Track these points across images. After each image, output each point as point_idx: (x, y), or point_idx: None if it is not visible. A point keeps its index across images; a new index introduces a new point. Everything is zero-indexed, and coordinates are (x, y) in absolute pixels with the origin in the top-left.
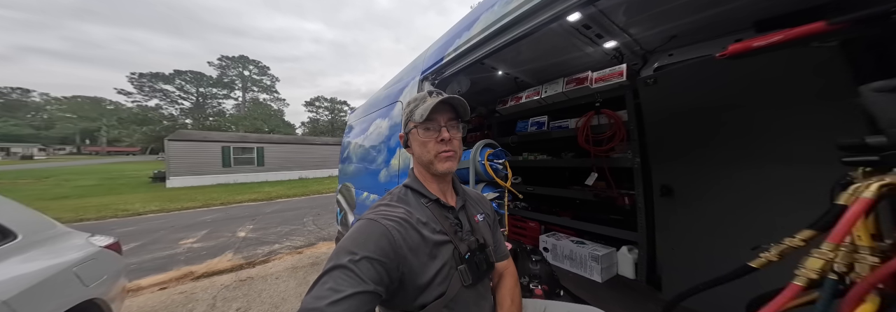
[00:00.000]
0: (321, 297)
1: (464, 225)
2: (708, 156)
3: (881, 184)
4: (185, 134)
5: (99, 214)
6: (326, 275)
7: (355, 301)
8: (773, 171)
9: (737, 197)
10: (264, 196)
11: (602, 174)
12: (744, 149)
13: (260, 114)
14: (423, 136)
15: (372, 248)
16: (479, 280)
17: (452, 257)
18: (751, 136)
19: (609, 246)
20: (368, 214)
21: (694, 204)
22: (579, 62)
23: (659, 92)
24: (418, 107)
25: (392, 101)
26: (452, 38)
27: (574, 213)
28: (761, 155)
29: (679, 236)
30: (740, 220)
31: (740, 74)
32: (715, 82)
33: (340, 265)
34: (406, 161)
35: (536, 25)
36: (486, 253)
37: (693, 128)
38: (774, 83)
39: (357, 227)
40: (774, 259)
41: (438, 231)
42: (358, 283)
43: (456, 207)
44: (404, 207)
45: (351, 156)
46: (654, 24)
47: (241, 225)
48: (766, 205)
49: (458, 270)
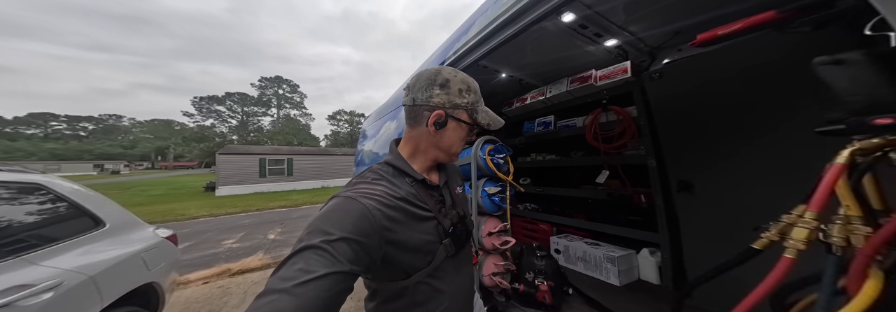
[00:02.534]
0: (289, 278)
1: (446, 201)
2: (729, 149)
3: (852, 150)
4: (231, 148)
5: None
6: (296, 255)
7: (328, 281)
8: (799, 159)
9: (754, 192)
10: (292, 203)
11: (614, 171)
12: (765, 138)
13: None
14: (465, 132)
15: (350, 228)
16: (461, 248)
17: (436, 232)
18: (770, 125)
19: (627, 248)
20: (346, 192)
21: (715, 199)
22: (582, 61)
23: (666, 87)
24: (478, 103)
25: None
26: (452, 43)
27: (588, 214)
28: (784, 142)
29: (705, 234)
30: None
31: (744, 65)
32: (722, 74)
33: (313, 245)
34: None
35: (526, 24)
36: (465, 223)
37: (706, 119)
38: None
39: (333, 205)
40: (776, 238)
41: (423, 208)
42: (332, 263)
43: (440, 185)
44: (385, 184)
45: (364, 159)
46: (656, 21)
47: (272, 228)
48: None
49: (442, 244)
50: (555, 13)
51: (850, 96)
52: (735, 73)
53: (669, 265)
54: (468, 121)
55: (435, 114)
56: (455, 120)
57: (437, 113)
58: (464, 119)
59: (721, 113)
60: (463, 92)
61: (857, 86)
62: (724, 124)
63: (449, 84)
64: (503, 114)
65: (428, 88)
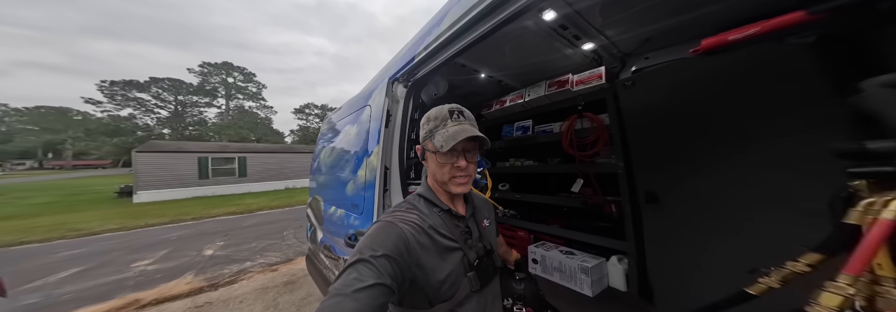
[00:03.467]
0: (348, 285)
1: (473, 233)
2: (694, 160)
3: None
4: (155, 145)
5: (46, 235)
6: (351, 267)
7: (376, 291)
8: (760, 177)
9: (724, 205)
10: (244, 208)
11: (588, 180)
12: (728, 154)
13: (245, 123)
14: (441, 159)
15: (390, 247)
16: (487, 284)
17: (462, 263)
18: (733, 140)
19: (599, 256)
20: (386, 217)
21: (680, 211)
22: (560, 64)
23: (638, 94)
24: (438, 129)
25: (362, 105)
26: (423, 36)
27: (563, 222)
28: (747, 159)
29: (668, 245)
30: (728, 228)
31: (717, 76)
32: (693, 84)
33: (364, 259)
34: (373, 173)
35: (504, 18)
36: (492, 258)
37: (675, 132)
38: (751, 85)
39: (376, 228)
40: (776, 285)
41: (449, 238)
42: (379, 276)
43: (466, 216)
44: (417, 213)
45: (321, 165)
46: (629, 26)
47: (211, 241)
48: (753, 213)
49: (467, 277)
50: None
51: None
52: (708, 82)
53: (635, 272)
54: (430, 149)
55: (416, 148)
56: (427, 151)
57: (416, 147)
58: (429, 148)
59: (690, 125)
60: (424, 124)
61: None
62: (692, 137)
63: (421, 124)
64: (482, 116)
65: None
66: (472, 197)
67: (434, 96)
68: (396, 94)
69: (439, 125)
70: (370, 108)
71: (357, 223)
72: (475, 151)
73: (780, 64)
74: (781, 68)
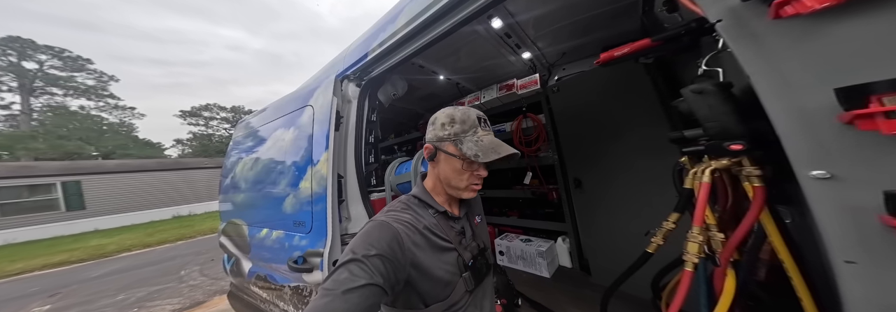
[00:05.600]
0: (339, 284)
1: (466, 233)
2: (602, 150)
3: (712, 169)
4: None
5: None
6: (343, 267)
7: (367, 291)
8: (640, 162)
9: (622, 184)
10: (88, 253)
11: (535, 172)
12: (619, 144)
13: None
14: (466, 167)
15: (383, 247)
16: (480, 283)
17: (456, 264)
18: (620, 133)
19: (549, 239)
20: (380, 216)
21: (597, 192)
22: (507, 70)
23: (562, 98)
24: (467, 135)
25: (300, 105)
26: (377, 33)
27: (519, 212)
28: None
29: (593, 222)
30: (628, 203)
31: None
32: (593, 91)
33: (356, 259)
34: (322, 183)
35: (458, 21)
36: (485, 256)
37: (587, 127)
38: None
39: (370, 227)
40: (661, 242)
41: (444, 239)
42: (371, 276)
43: (460, 216)
44: (412, 213)
45: (239, 180)
46: (551, 41)
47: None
48: (641, 189)
49: (462, 277)
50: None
51: (707, 122)
52: (598, 88)
53: (575, 249)
54: (455, 153)
55: (425, 147)
56: (444, 153)
57: (426, 147)
58: (450, 151)
59: (596, 120)
60: (446, 125)
61: (713, 114)
62: (599, 130)
63: (436, 121)
64: None
65: (430, 130)
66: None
67: (393, 96)
68: (347, 94)
69: (468, 131)
70: (312, 109)
71: (304, 243)
72: None
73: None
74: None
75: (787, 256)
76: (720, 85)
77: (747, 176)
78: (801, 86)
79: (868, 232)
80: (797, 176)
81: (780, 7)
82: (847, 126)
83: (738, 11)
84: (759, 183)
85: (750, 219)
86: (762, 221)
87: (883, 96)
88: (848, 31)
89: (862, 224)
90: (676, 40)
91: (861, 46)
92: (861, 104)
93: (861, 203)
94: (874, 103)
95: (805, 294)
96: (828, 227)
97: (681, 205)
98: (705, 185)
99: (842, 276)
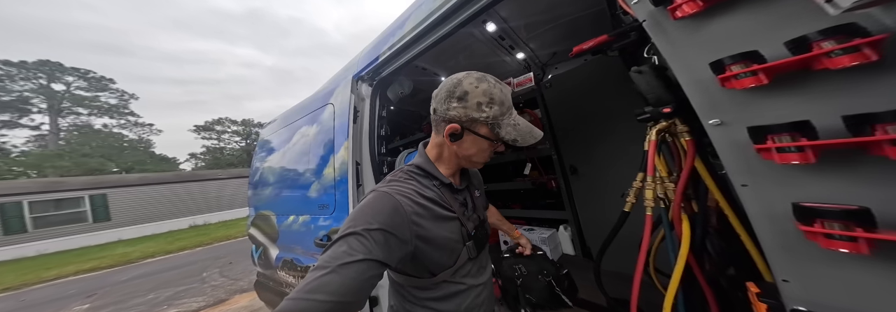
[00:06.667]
0: (336, 258)
1: (468, 204)
2: (596, 138)
3: (657, 129)
4: None
5: None
6: (342, 240)
7: (364, 265)
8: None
9: (613, 167)
10: (115, 260)
11: (534, 164)
12: (608, 131)
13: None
14: (487, 145)
15: (385, 220)
16: (481, 250)
17: (460, 233)
18: (608, 121)
19: (552, 227)
20: (382, 187)
21: (593, 178)
22: (503, 69)
23: (554, 93)
24: (504, 116)
25: (322, 104)
26: (387, 37)
27: (522, 203)
28: (616, 134)
29: (591, 207)
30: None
31: (589, 78)
32: (581, 84)
33: (356, 232)
34: (343, 168)
35: (457, 24)
36: (484, 227)
37: (578, 118)
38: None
39: (372, 198)
40: (634, 200)
41: (448, 209)
42: (369, 251)
43: (462, 188)
44: (415, 184)
45: (267, 177)
46: (541, 43)
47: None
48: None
49: (466, 246)
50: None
51: (647, 94)
52: (588, 83)
53: (577, 236)
54: (489, 137)
55: (449, 127)
56: (473, 133)
57: (451, 126)
58: (483, 134)
59: (587, 111)
60: (483, 105)
61: (650, 88)
62: (592, 120)
63: (467, 97)
64: None
65: (447, 100)
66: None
67: (400, 94)
68: (361, 92)
69: (505, 113)
70: (333, 106)
71: (327, 223)
72: None
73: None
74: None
75: (721, 197)
76: (654, 66)
77: (681, 132)
78: (693, 63)
79: (750, 160)
80: (703, 125)
81: (673, 11)
82: (722, 87)
83: (654, 14)
84: (688, 138)
85: (686, 168)
86: (699, 171)
87: (731, 65)
88: (711, 26)
89: (745, 154)
90: (626, 35)
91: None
92: (722, 71)
93: (741, 138)
94: (728, 70)
95: (741, 231)
96: (726, 160)
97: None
98: (653, 143)
99: (742, 197)
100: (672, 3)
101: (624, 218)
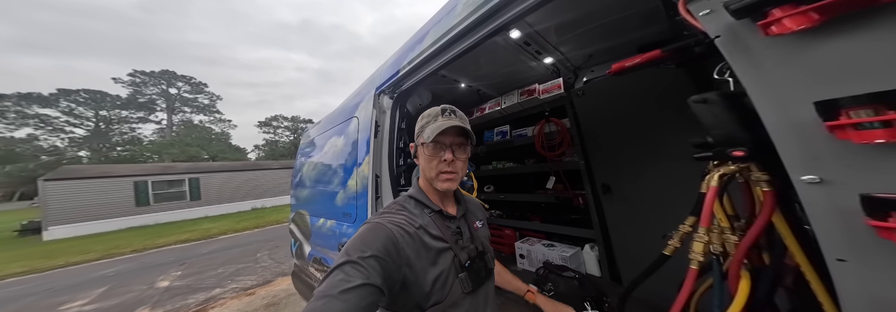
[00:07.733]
0: (335, 286)
1: (464, 234)
2: (633, 155)
3: (720, 174)
4: (71, 171)
5: None
6: (338, 269)
7: (363, 291)
8: (674, 168)
9: (654, 190)
10: (201, 234)
11: (559, 177)
12: (651, 149)
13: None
14: (429, 153)
15: (378, 248)
16: (480, 286)
17: (453, 264)
18: (652, 137)
19: (575, 245)
20: (375, 218)
21: (628, 198)
22: (528, 75)
23: (588, 102)
24: (429, 124)
25: (348, 117)
26: (406, 52)
27: (542, 217)
28: (661, 153)
29: (624, 230)
30: (663, 210)
31: (636, 89)
32: (621, 95)
33: (351, 260)
34: (364, 181)
35: (481, 38)
36: (484, 260)
37: (615, 132)
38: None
39: (365, 229)
40: (678, 245)
41: (439, 238)
42: (367, 276)
43: (457, 216)
44: (406, 214)
45: (304, 179)
46: (575, 45)
47: (164, 273)
48: (676, 197)
49: (458, 278)
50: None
51: (713, 130)
52: (631, 94)
53: (605, 257)
54: (420, 143)
55: (410, 146)
56: (418, 146)
57: (411, 145)
58: (418, 142)
59: (626, 125)
60: (419, 121)
61: (717, 122)
62: (630, 135)
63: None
64: None
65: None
66: (465, 200)
67: (419, 106)
68: (383, 105)
69: (430, 121)
70: (357, 120)
71: (350, 231)
72: (464, 148)
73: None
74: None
75: (803, 258)
76: (724, 94)
77: (756, 181)
78: (789, 98)
79: (854, 232)
80: (792, 180)
81: (765, 27)
82: (830, 135)
83: (734, 28)
84: (767, 188)
85: (759, 223)
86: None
87: (849, 110)
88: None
89: (849, 224)
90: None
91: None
92: (834, 116)
93: (847, 205)
94: (843, 116)
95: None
96: (820, 228)
97: (696, 209)
98: (713, 188)
99: (836, 273)
100: (765, 16)
101: (662, 261)
